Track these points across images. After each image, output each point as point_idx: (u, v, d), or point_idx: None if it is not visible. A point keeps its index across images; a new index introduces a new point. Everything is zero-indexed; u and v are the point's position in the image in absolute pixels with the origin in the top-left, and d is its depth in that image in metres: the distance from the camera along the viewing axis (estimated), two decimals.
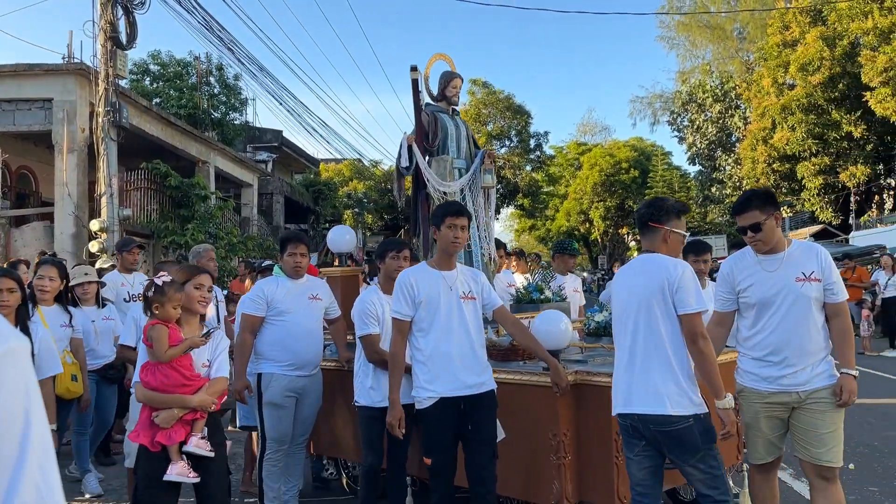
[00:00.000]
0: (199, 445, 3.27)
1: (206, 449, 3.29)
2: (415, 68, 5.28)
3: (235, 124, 21.49)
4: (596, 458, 3.66)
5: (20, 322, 3.75)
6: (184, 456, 3.28)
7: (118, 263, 6.47)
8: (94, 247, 11.58)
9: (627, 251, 39.82)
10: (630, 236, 39.87)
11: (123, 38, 11.80)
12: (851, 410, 3.47)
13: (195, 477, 3.28)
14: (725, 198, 31.10)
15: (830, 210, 24.56)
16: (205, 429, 3.34)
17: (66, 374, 4.82)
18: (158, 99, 18.99)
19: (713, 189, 32.87)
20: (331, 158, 30.45)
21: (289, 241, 4.75)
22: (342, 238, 5.44)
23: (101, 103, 11.61)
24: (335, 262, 5.61)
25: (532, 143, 36.82)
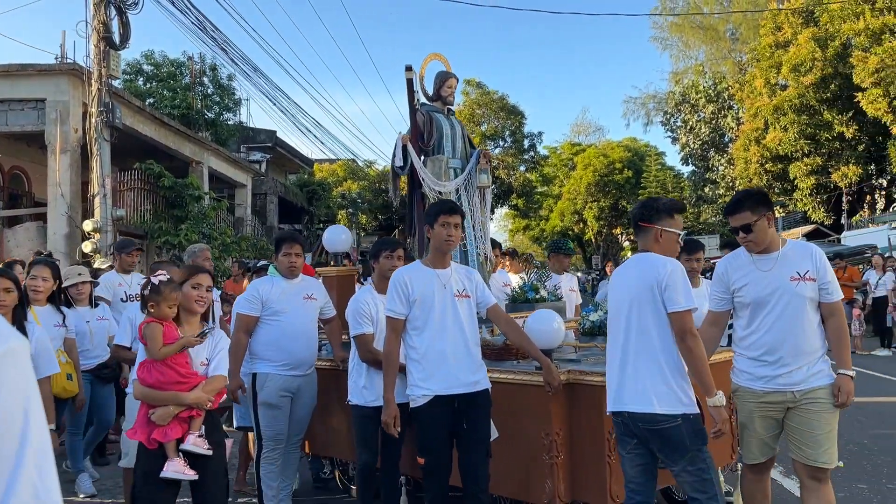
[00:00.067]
0: (197, 444, 3.28)
1: (204, 447, 3.29)
2: (410, 68, 5.29)
3: (229, 124, 21.46)
4: (588, 458, 3.66)
5: (17, 322, 3.75)
6: (180, 454, 3.28)
7: (116, 264, 6.48)
8: (88, 247, 11.55)
9: (621, 251, 39.90)
10: (624, 236, 39.94)
11: (116, 39, 11.78)
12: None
13: (192, 474, 3.28)
14: (718, 198, 31.17)
15: (822, 210, 24.65)
16: (202, 427, 3.35)
17: (62, 374, 4.83)
18: (152, 99, 18.96)
19: (706, 189, 32.94)
20: (325, 159, 30.44)
21: (283, 241, 4.76)
22: (338, 238, 5.46)
23: (95, 103, 11.58)
24: (331, 263, 5.63)
25: (526, 144, 36.86)
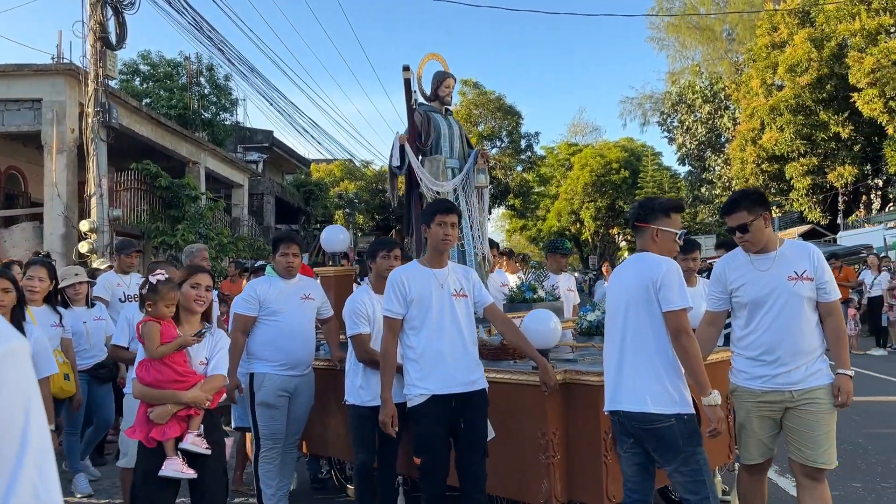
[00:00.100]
0: (195, 443, 3.28)
1: (202, 447, 3.30)
2: (407, 68, 5.28)
3: (226, 125, 21.45)
4: (585, 457, 3.66)
5: (15, 322, 3.75)
6: (179, 453, 3.29)
7: (115, 264, 6.48)
8: (84, 247, 11.54)
9: (618, 251, 39.93)
10: (621, 236, 39.96)
11: (113, 39, 11.77)
12: None
13: (191, 473, 3.29)
14: (715, 198, 31.21)
15: (818, 210, 24.70)
16: (201, 427, 3.35)
17: (59, 374, 4.82)
18: (148, 99, 18.94)
19: (703, 189, 32.98)
20: (322, 159, 30.42)
21: (281, 242, 4.76)
22: (336, 238, 5.45)
23: (91, 104, 11.57)
24: (329, 263, 5.63)
25: (523, 144, 36.86)
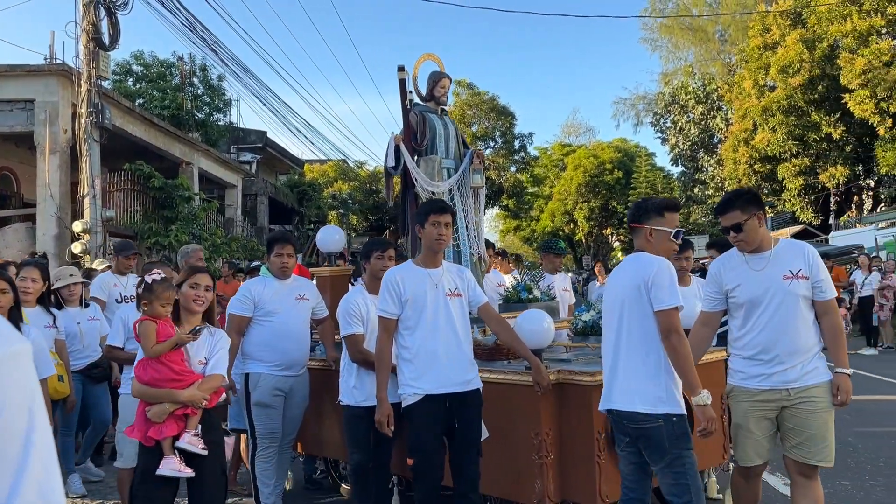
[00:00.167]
0: (192, 442, 3.29)
1: (199, 446, 3.30)
2: (402, 68, 5.27)
3: (219, 125, 21.38)
4: (578, 457, 3.66)
5: (12, 323, 3.75)
6: (177, 452, 3.30)
7: (114, 265, 6.47)
8: (77, 248, 11.50)
9: (611, 251, 39.99)
10: (614, 237, 40.01)
11: (106, 39, 11.73)
12: None
13: (188, 472, 3.29)
14: (708, 198, 31.29)
15: (810, 210, 24.80)
16: (199, 426, 3.35)
17: (54, 375, 4.82)
18: (141, 100, 18.88)
19: (696, 190, 33.05)
20: (315, 159, 30.38)
21: (275, 242, 4.77)
22: (331, 238, 5.45)
23: (84, 104, 11.54)
24: (324, 263, 5.62)
25: (517, 144, 36.88)
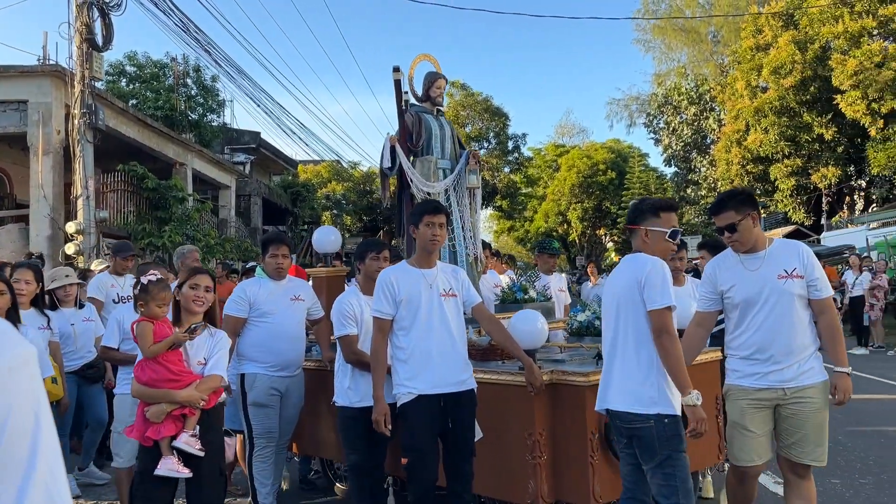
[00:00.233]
0: (189, 443, 3.29)
1: (195, 447, 3.30)
2: (397, 69, 5.26)
3: (213, 126, 21.33)
4: (572, 458, 3.66)
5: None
6: (174, 452, 3.30)
7: (112, 265, 6.46)
8: (71, 249, 11.47)
9: (605, 252, 40.06)
10: (608, 237, 40.08)
11: (99, 40, 11.72)
12: None
13: (186, 473, 3.30)
14: (701, 199, 31.40)
15: (803, 211, 24.93)
16: (197, 427, 3.36)
17: (48, 377, 4.81)
18: (135, 100, 18.81)
19: (689, 190, 33.16)
20: (309, 160, 30.34)
21: (270, 243, 4.77)
22: (327, 239, 5.45)
23: (77, 105, 11.51)
24: (319, 264, 5.62)
25: (510, 145, 36.89)
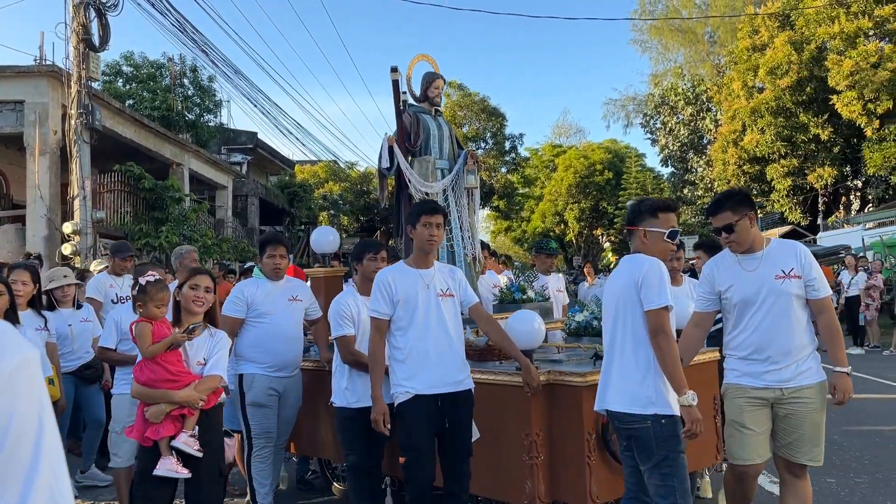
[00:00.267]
0: (187, 443, 3.29)
1: (194, 448, 3.31)
2: (395, 69, 5.25)
3: (210, 126, 21.30)
4: (569, 458, 3.66)
5: None
6: (174, 452, 3.31)
7: (110, 266, 6.46)
8: (67, 249, 11.45)
9: (602, 252, 40.09)
10: (604, 237, 40.12)
11: (96, 41, 11.70)
12: None
13: (185, 473, 3.30)
14: (697, 199, 31.46)
15: (799, 211, 24.97)
16: (196, 427, 3.36)
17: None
18: (131, 101, 18.79)
19: (685, 191, 33.20)
20: (306, 160, 30.34)
21: (268, 243, 4.77)
22: (326, 239, 5.45)
23: (74, 105, 11.50)
24: (317, 264, 5.63)
25: (507, 145, 36.92)
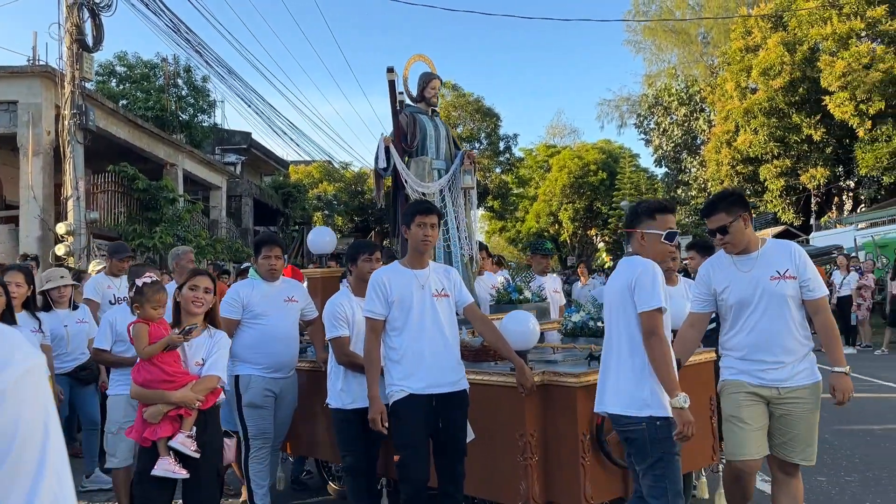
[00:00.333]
0: (184, 443, 3.30)
1: (191, 448, 3.31)
2: (391, 70, 5.25)
3: (204, 126, 21.24)
4: (563, 459, 3.66)
5: None
6: (171, 452, 3.31)
7: (107, 267, 6.45)
8: (61, 250, 11.42)
9: (596, 252, 40.16)
10: (599, 237, 40.20)
11: (90, 41, 11.66)
12: None
13: (183, 473, 3.31)
14: (691, 199, 31.54)
15: (792, 211, 25.06)
16: (193, 428, 3.37)
17: None
18: (125, 101, 18.72)
19: (679, 191, 33.26)
20: (300, 160, 30.32)
21: (263, 244, 4.77)
22: (322, 240, 5.45)
23: (67, 106, 11.46)
24: (313, 265, 5.63)
25: (502, 146, 36.98)
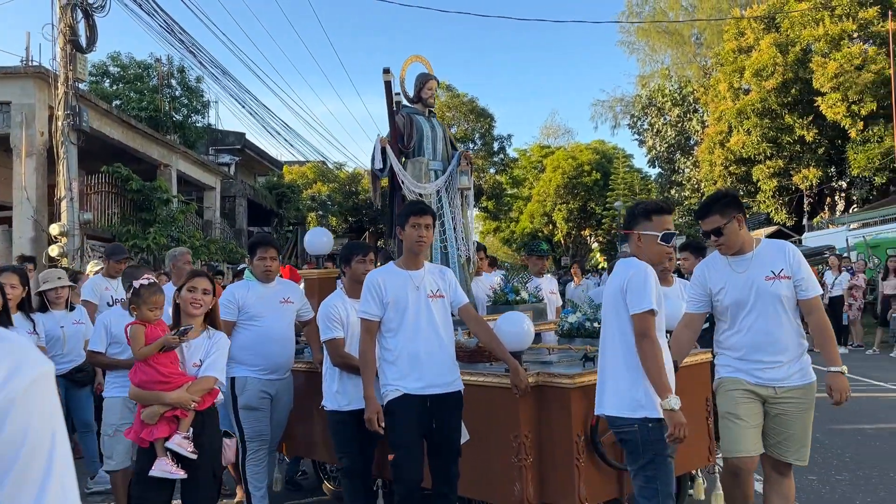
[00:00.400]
0: (181, 444, 3.30)
1: (187, 449, 3.31)
2: (387, 70, 5.25)
3: (197, 127, 21.21)
4: (558, 460, 3.66)
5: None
6: (169, 453, 3.32)
7: (104, 268, 6.44)
8: (55, 251, 11.39)
9: (590, 252, 40.22)
10: (592, 238, 40.26)
11: (83, 42, 11.64)
12: None
13: (180, 474, 3.31)
14: (685, 200, 31.64)
15: (784, 212, 25.18)
16: (190, 429, 3.37)
17: None
18: (118, 101, 18.68)
19: (673, 192, 33.36)
20: (294, 161, 30.32)
21: (258, 245, 4.76)
22: (319, 240, 5.44)
23: (61, 106, 11.44)
24: (307, 266, 5.63)
25: (496, 146, 37.05)
